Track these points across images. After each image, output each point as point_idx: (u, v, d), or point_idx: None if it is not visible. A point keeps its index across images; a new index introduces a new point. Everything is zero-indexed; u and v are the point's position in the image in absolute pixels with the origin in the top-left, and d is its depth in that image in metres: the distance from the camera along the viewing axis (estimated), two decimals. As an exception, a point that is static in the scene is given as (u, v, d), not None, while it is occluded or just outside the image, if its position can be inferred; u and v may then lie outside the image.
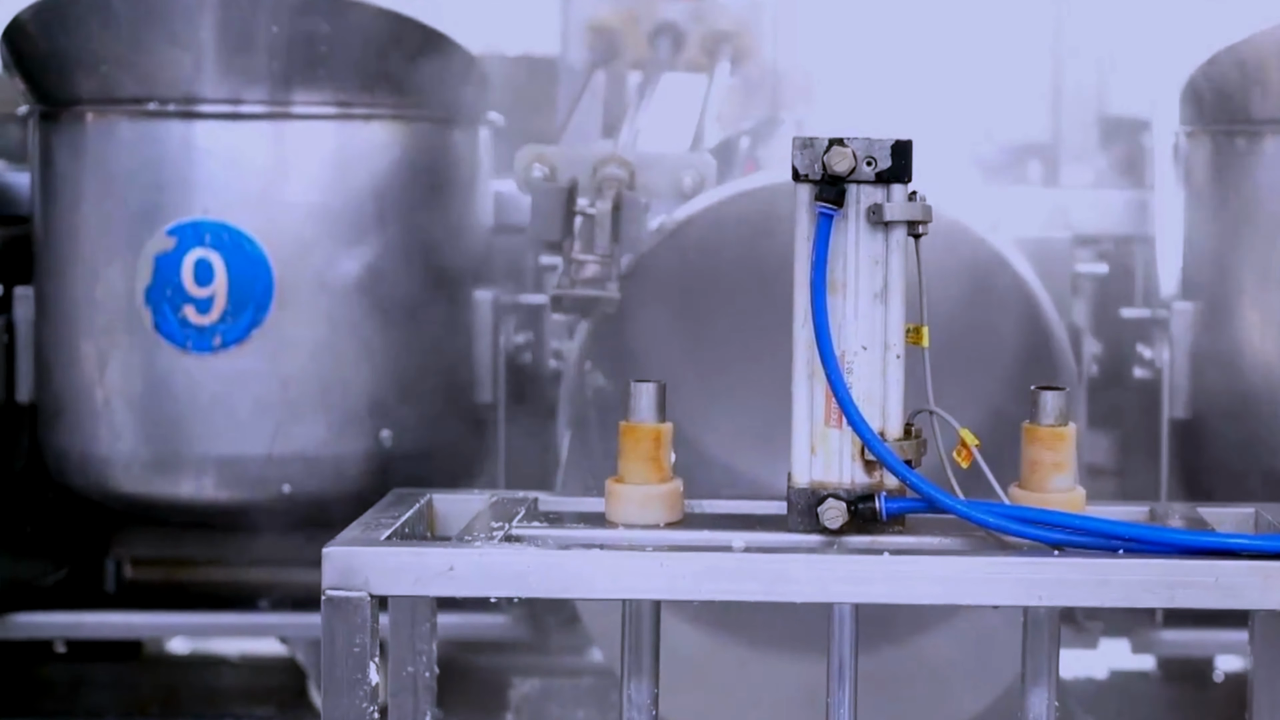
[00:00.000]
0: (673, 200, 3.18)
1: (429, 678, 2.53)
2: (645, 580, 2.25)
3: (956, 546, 2.33)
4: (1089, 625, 3.34)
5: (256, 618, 3.43)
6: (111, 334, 3.20)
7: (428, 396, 3.28)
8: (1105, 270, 3.52)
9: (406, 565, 2.24)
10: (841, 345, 2.35)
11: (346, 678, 2.23)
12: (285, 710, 3.49)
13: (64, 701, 3.58)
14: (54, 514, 3.47)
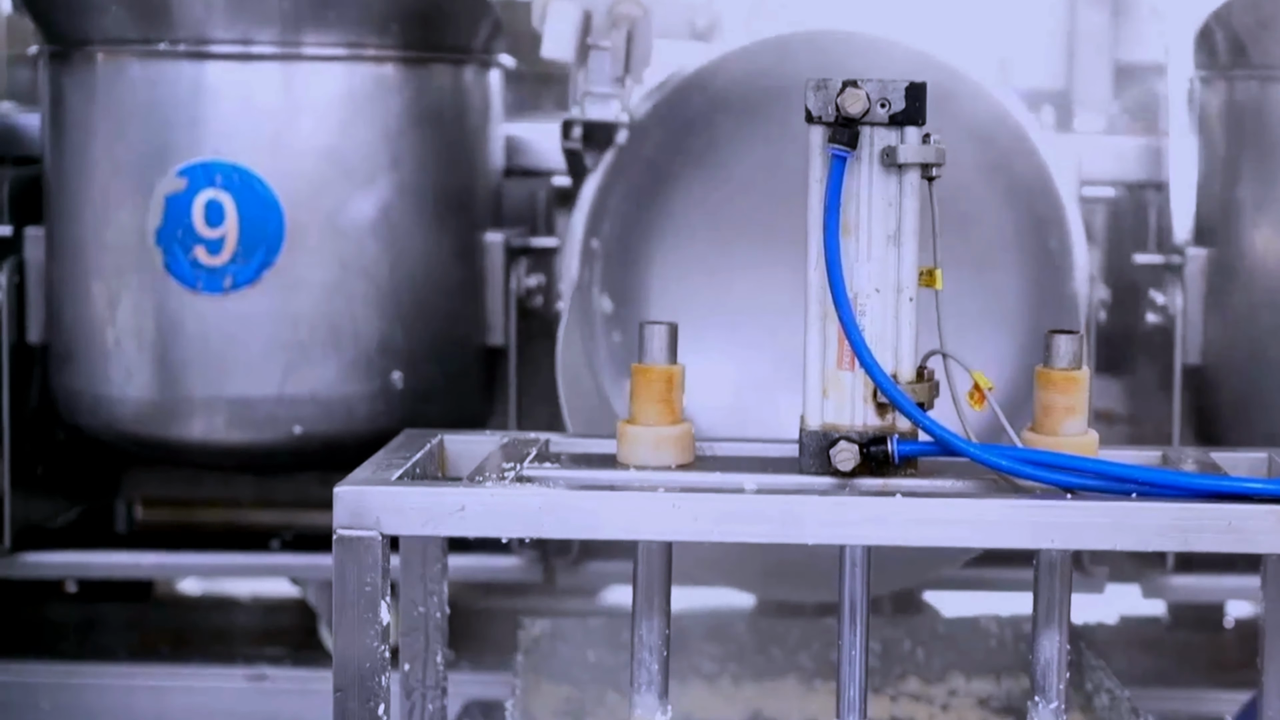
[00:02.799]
0: (685, 41, 3.18)
1: (440, 618, 2.54)
2: (657, 521, 2.25)
3: (969, 489, 2.33)
4: (1095, 570, 3.34)
5: (267, 558, 3.43)
6: (122, 275, 3.19)
7: (439, 339, 3.27)
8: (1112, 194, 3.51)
9: (418, 505, 2.24)
10: (854, 288, 2.35)
11: (358, 617, 2.23)
12: (296, 650, 3.49)
13: (75, 641, 3.58)
14: (65, 455, 3.47)
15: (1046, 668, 2.38)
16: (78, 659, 3.43)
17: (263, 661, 3.41)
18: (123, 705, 3.37)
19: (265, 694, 3.37)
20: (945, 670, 2.97)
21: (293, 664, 3.41)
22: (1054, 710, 2.38)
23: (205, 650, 3.50)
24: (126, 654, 3.48)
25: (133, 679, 3.39)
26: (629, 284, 3.25)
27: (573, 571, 3.36)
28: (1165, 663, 3.54)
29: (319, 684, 3.27)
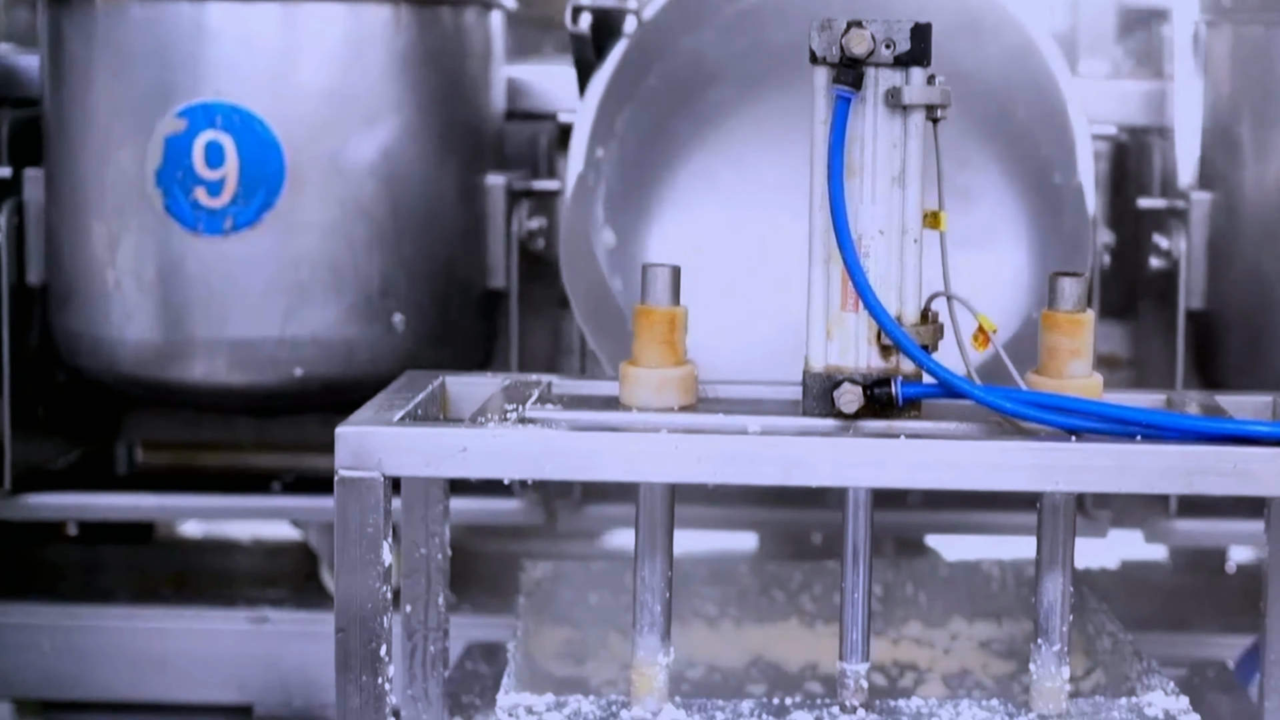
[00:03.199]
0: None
1: (441, 560, 2.54)
2: (659, 463, 2.24)
3: (973, 432, 2.32)
4: (1098, 514, 3.34)
5: (269, 500, 3.42)
6: (122, 216, 3.18)
7: (440, 281, 3.26)
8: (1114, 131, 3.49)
9: (420, 446, 2.24)
10: (858, 229, 2.34)
11: (360, 558, 2.23)
12: (297, 593, 3.49)
13: (76, 583, 3.58)
14: (65, 397, 3.47)
15: (1049, 611, 2.38)
16: (79, 600, 3.43)
17: (264, 604, 3.41)
18: (124, 646, 3.37)
19: (267, 636, 3.37)
20: (947, 614, 2.97)
21: (294, 606, 3.41)
22: (1056, 653, 2.38)
23: (206, 592, 3.50)
24: (128, 596, 3.48)
25: (134, 620, 3.39)
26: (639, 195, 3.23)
27: (575, 514, 3.36)
28: (1167, 607, 3.54)
29: (320, 626, 3.27)
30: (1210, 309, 3.28)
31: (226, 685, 3.37)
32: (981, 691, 2.85)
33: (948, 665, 2.93)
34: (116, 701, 3.41)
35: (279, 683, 3.36)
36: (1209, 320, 3.29)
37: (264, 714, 3.36)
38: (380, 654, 2.23)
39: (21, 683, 3.41)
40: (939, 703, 2.35)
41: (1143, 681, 2.46)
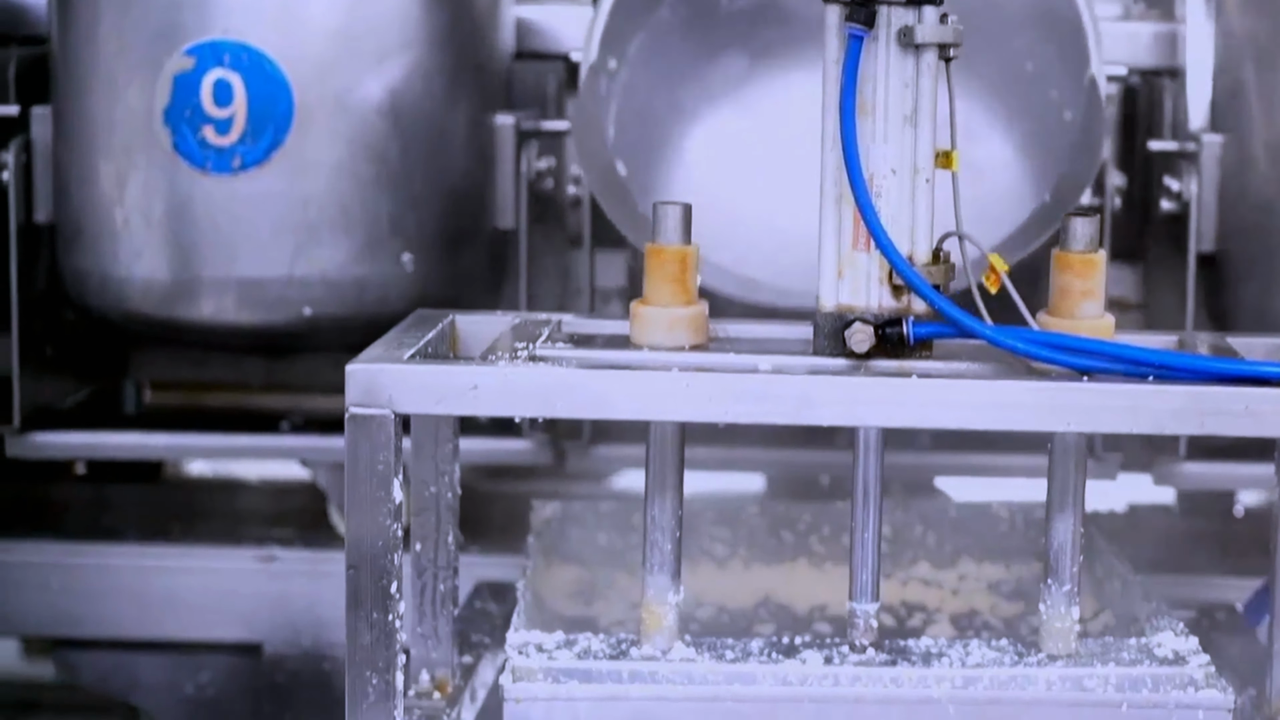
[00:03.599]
0: None
1: (451, 498, 2.54)
2: (669, 401, 2.24)
3: (985, 372, 2.31)
4: (1107, 457, 3.34)
5: (277, 440, 3.42)
6: (130, 154, 3.17)
7: (449, 221, 3.25)
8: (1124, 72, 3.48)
9: (430, 383, 2.24)
10: (870, 169, 2.33)
11: (370, 495, 2.23)
12: (305, 532, 3.49)
13: (84, 522, 3.58)
14: (73, 336, 3.46)
15: (1059, 551, 2.38)
16: (87, 539, 3.43)
17: (272, 543, 3.41)
18: (132, 585, 3.38)
19: (275, 575, 3.37)
20: (956, 555, 2.97)
21: (302, 546, 3.41)
22: (1066, 594, 2.38)
23: (214, 532, 3.50)
24: (135, 535, 3.48)
25: (142, 559, 3.39)
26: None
27: (584, 455, 3.36)
28: (1175, 550, 3.54)
29: (329, 565, 3.28)
30: (1221, 252, 3.27)
31: (235, 624, 3.38)
32: (990, 632, 2.85)
33: (956, 606, 2.93)
34: (125, 639, 3.41)
35: (287, 622, 3.36)
36: (1219, 263, 3.28)
37: (273, 652, 3.37)
38: (391, 591, 2.23)
39: (29, 621, 3.42)
40: (948, 643, 2.35)
41: (1152, 623, 2.46)
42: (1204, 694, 2.28)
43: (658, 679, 2.28)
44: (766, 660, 2.30)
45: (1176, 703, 2.28)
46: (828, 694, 2.28)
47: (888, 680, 2.28)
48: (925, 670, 2.29)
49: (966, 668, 2.29)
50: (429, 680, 2.52)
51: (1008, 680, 2.29)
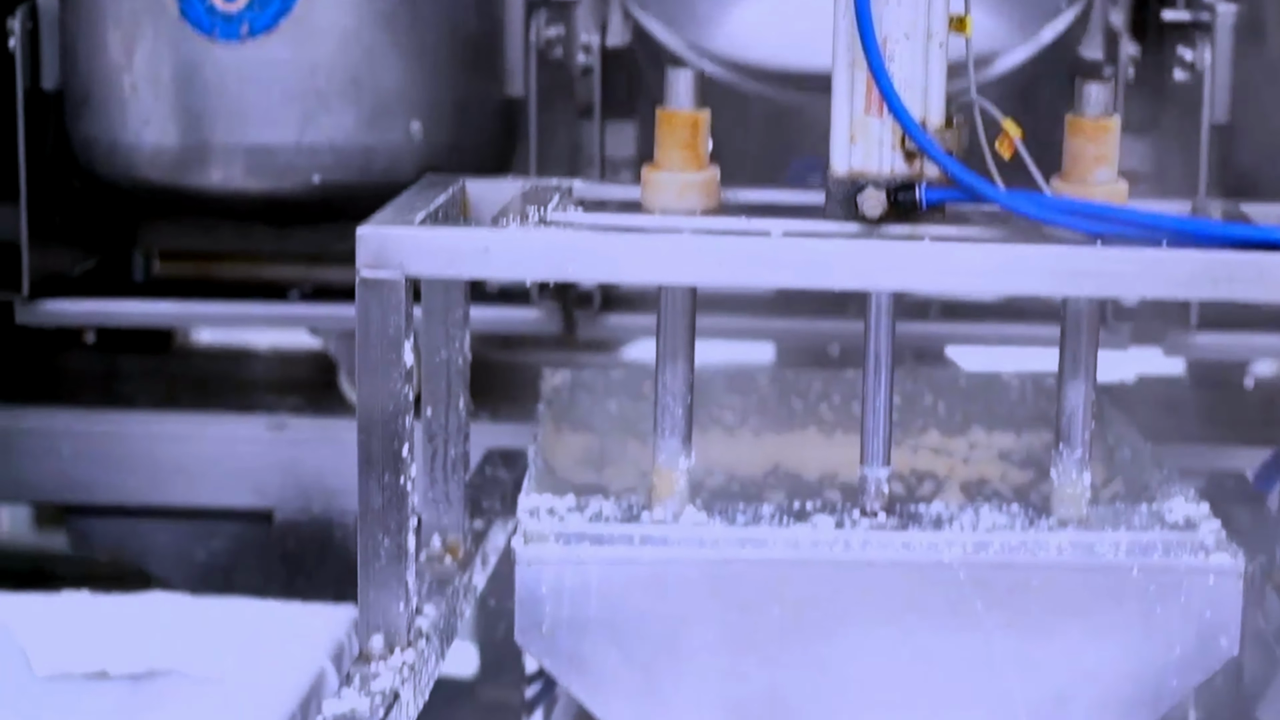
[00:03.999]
0: None
1: (461, 364, 2.54)
2: (680, 264, 2.23)
3: (997, 236, 2.31)
4: (1118, 327, 3.33)
5: (287, 308, 3.41)
6: (138, 21, 3.15)
7: (459, 89, 3.23)
8: None
9: (441, 246, 2.23)
10: (883, 33, 2.31)
11: (381, 359, 2.23)
12: (315, 401, 3.49)
13: (95, 391, 3.58)
14: (81, 205, 3.45)
15: (1071, 417, 2.38)
16: (98, 407, 3.43)
17: (283, 411, 3.41)
18: (144, 453, 3.38)
19: (286, 443, 3.38)
20: (966, 424, 2.97)
21: (313, 413, 3.41)
22: (1078, 460, 2.38)
23: (225, 400, 3.50)
24: (147, 403, 3.48)
25: (153, 426, 3.40)
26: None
27: (594, 324, 3.35)
28: (1186, 421, 3.54)
29: (339, 433, 3.28)
30: (1234, 122, 3.25)
31: (246, 490, 3.39)
32: (1000, 499, 2.85)
33: (966, 474, 2.93)
34: (136, 506, 3.42)
35: (298, 488, 3.37)
36: (1233, 133, 3.26)
37: (284, 519, 3.38)
38: (402, 454, 2.23)
39: (41, 487, 3.43)
40: (959, 508, 2.36)
41: (1163, 489, 2.46)
42: (1215, 558, 2.29)
43: (669, 542, 2.28)
44: (778, 525, 2.31)
45: (1187, 567, 2.28)
46: (839, 558, 2.29)
47: (899, 545, 2.29)
48: (936, 535, 2.29)
49: (977, 532, 2.30)
50: (440, 545, 2.53)
51: (1018, 545, 2.29)
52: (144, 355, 3.76)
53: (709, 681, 2.30)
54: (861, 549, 2.29)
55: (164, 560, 3.48)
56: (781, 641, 2.29)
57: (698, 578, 2.28)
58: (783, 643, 2.29)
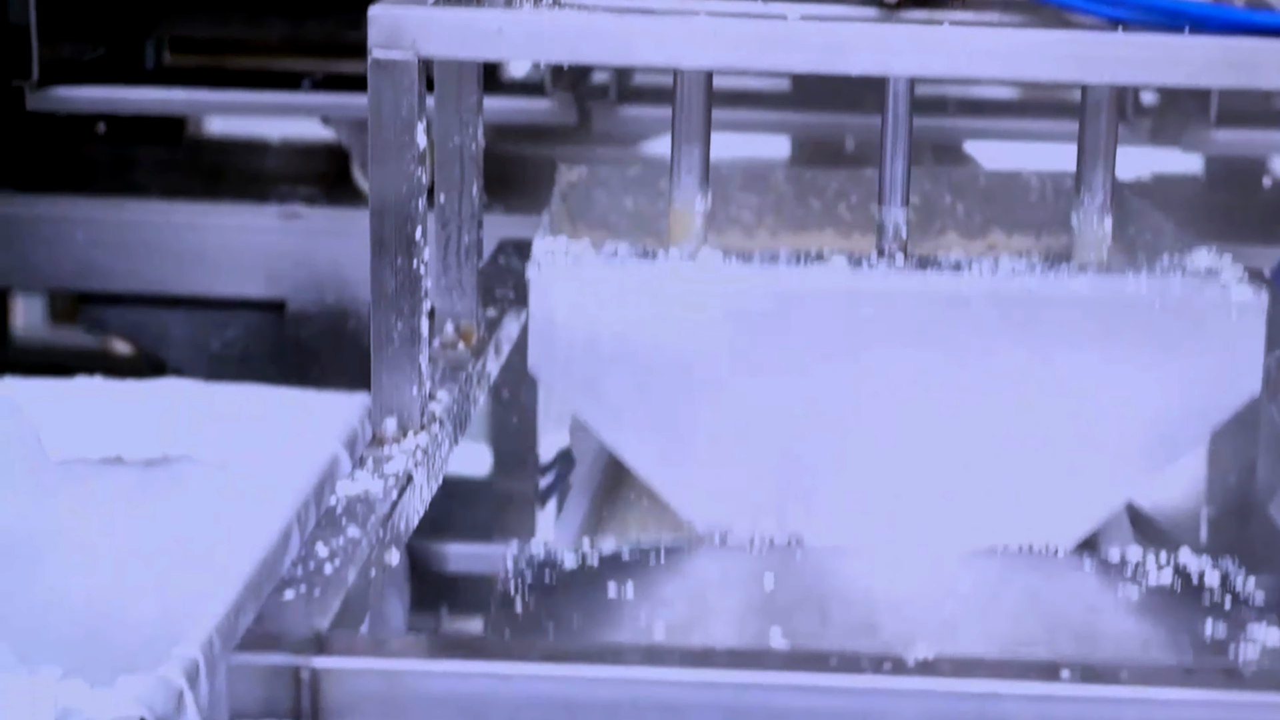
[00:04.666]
0: None
1: (475, 150, 2.52)
2: (696, 47, 2.20)
3: (1018, 21, 2.27)
4: (1137, 123, 3.31)
5: (299, 97, 3.38)
6: None
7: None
8: None
9: (454, 26, 2.20)
10: None
11: (394, 141, 2.21)
12: (328, 191, 3.48)
13: (108, 179, 3.57)
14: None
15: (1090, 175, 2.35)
16: (111, 195, 3.42)
17: (296, 201, 3.40)
18: (157, 240, 3.37)
19: (299, 232, 3.37)
20: (986, 225, 2.94)
21: (326, 204, 3.40)
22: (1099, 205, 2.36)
23: (238, 190, 3.48)
24: (159, 192, 3.47)
25: (168, 215, 3.39)
26: None
27: (609, 116, 3.33)
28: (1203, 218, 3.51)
29: (352, 223, 3.27)
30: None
31: (259, 280, 3.38)
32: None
33: (984, 271, 2.91)
34: (150, 295, 3.42)
35: (311, 278, 3.37)
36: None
37: (297, 309, 3.37)
38: (415, 238, 2.22)
39: (56, 274, 3.42)
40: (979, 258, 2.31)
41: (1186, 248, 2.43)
42: (1237, 292, 2.25)
43: (686, 274, 2.25)
44: (795, 264, 2.28)
45: (1209, 301, 2.24)
46: (857, 286, 2.25)
47: (917, 279, 2.26)
48: (956, 274, 2.26)
49: (998, 274, 2.26)
50: (453, 331, 2.53)
51: (1038, 284, 2.26)
52: (156, 146, 3.74)
53: (724, 412, 2.28)
54: (881, 279, 2.26)
55: (178, 348, 3.49)
56: (798, 371, 2.26)
57: (713, 303, 2.25)
58: (799, 373, 2.26)
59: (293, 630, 1.83)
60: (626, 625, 2.15)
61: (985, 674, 1.79)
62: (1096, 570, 2.29)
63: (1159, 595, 2.23)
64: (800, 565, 2.29)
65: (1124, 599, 2.24)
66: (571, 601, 2.20)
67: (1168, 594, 2.24)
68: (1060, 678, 1.77)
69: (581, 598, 2.21)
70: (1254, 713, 1.76)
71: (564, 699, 1.79)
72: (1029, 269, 2.29)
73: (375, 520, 2.05)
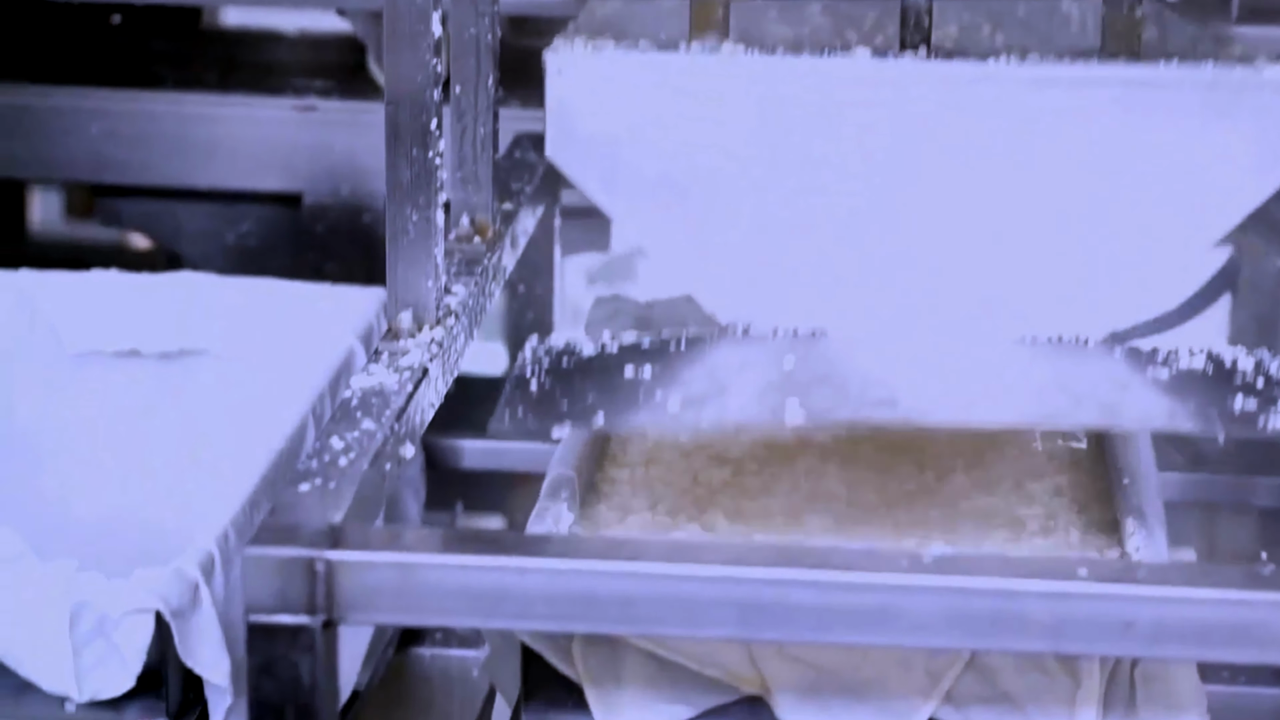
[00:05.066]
0: None
1: (491, 40, 2.50)
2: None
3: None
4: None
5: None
6: None
7: None
8: None
9: (471, -84, 2.18)
10: None
11: (409, 31, 2.19)
12: (344, 84, 3.45)
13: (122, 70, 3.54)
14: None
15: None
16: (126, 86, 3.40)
17: (311, 93, 3.37)
18: (173, 132, 3.35)
19: (314, 124, 3.34)
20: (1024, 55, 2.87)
21: (342, 96, 3.38)
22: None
23: (253, 82, 3.46)
24: (174, 84, 3.45)
25: (182, 106, 3.36)
26: None
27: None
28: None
29: (369, 116, 3.24)
30: None
31: (275, 173, 3.35)
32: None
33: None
34: (165, 187, 3.41)
35: (327, 171, 3.34)
36: None
37: (313, 202, 3.36)
38: (430, 128, 2.20)
39: (70, 167, 3.40)
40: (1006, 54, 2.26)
41: None
42: (1270, 73, 2.18)
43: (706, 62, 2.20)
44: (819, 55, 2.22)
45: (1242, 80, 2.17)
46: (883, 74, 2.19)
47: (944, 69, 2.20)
48: (983, 63, 2.19)
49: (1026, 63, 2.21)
50: (469, 224, 2.51)
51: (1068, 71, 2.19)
52: (171, 38, 3.71)
53: (746, 205, 2.22)
54: (907, 66, 2.21)
55: (194, 241, 3.47)
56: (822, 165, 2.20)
57: (736, 97, 2.19)
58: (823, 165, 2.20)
59: (307, 523, 1.82)
60: (642, 403, 2.10)
61: (1002, 571, 1.78)
62: (1127, 356, 2.23)
63: (1190, 376, 2.17)
64: (823, 351, 2.22)
65: (1153, 378, 2.19)
66: (587, 383, 2.17)
67: (1199, 375, 2.18)
68: (1077, 575, 1.77)
69: (598, 379, 2.17)
70: (1271, 611, 1.75)
71: (578, 593, 1.79)
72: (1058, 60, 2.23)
73: (390, 414, 2.04)
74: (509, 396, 2.10)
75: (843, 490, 2.29)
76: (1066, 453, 2.40)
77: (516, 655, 2.04)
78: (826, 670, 1.98)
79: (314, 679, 1.78)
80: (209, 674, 2.13)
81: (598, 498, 2.30)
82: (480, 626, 2.16)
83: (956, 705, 1.99)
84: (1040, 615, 1.76)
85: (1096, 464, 2.37)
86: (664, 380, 2.16)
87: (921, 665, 1.98)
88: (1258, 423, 2.05)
